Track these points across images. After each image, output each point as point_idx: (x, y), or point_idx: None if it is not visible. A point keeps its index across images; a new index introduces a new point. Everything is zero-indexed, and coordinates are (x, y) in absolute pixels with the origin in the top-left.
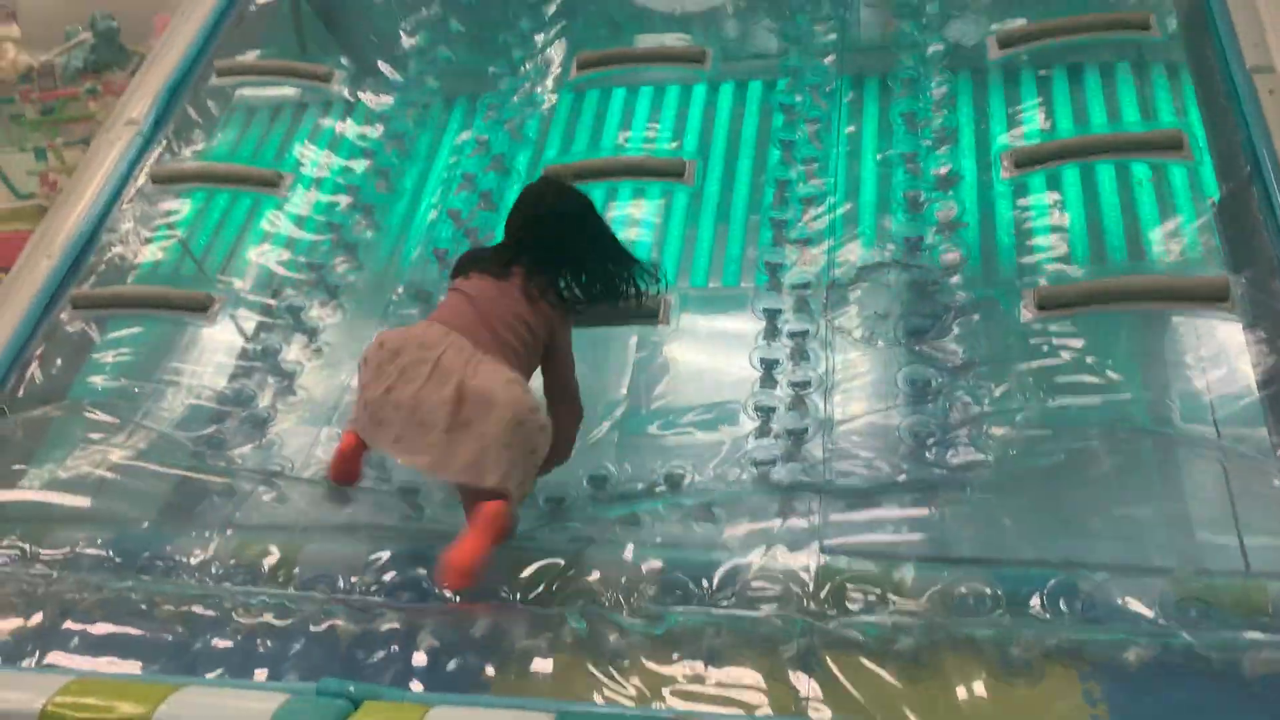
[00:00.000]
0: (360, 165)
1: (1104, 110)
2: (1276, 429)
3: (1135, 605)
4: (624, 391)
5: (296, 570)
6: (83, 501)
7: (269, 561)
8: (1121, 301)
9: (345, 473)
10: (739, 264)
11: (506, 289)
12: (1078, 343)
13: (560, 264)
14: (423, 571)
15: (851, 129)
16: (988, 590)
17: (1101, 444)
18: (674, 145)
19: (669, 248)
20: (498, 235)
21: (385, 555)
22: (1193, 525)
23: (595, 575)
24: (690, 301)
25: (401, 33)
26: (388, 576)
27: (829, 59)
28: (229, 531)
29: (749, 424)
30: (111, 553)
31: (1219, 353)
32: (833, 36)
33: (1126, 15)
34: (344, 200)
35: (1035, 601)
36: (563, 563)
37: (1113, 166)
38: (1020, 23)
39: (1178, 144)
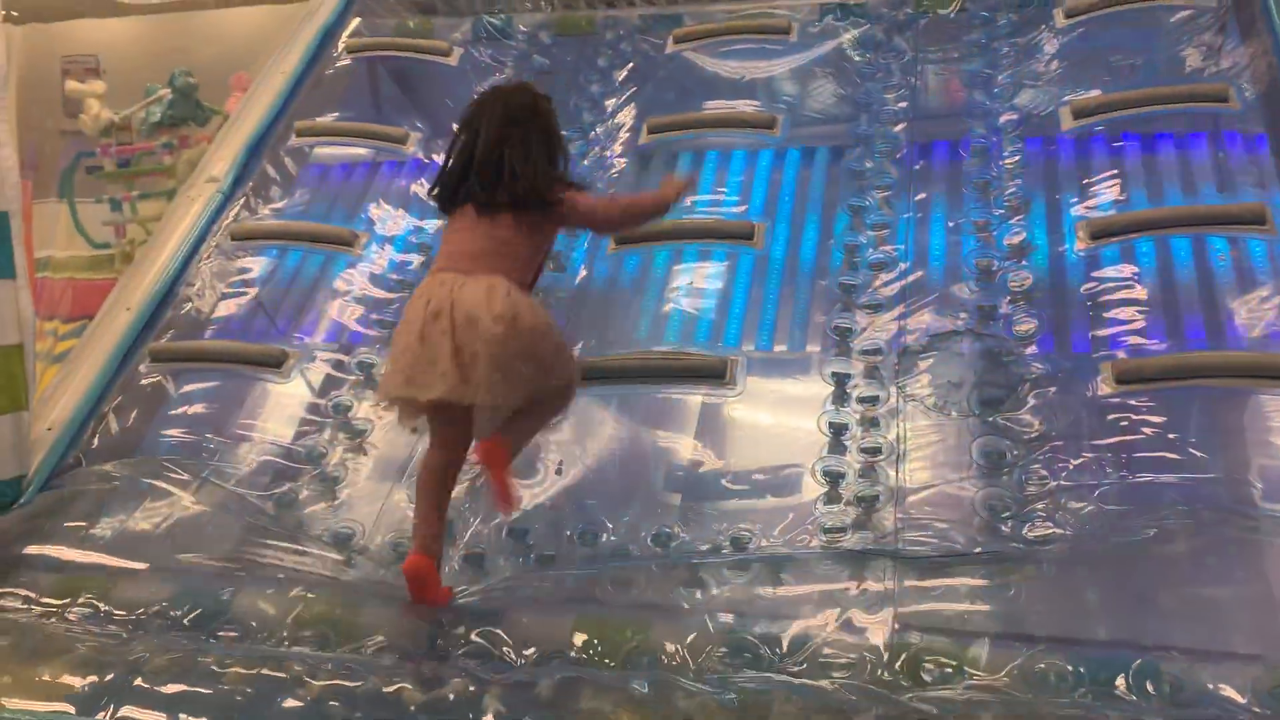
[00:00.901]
0: (432, 225)
1: (1180, 182)
2: None
3: (1226, 691)
4: (688, 454)
5: (364, 634)
6: (154, 558)
7: (337, 624)
8: (1202, 377)
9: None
10: (804, 329)
11: (483, 229)
12: (1157, 418)
13: (532, 158)
14: (487, 637)
15: (922, 196)
16: (1069, 668)
17: (1181, 523)
18: (740, 209)
19: (734, 310)
20: (564, 293)
21: (452, 621)
22: (1278, 610)
23: (662, 637)
24: (755, 365)
25: (474, 96)
26: (455, 643)
27: (900, 127)
28: (298, 591)
29: (816, 489)
30: (181, 612)
31: None
32: (903, 105)
33: (1204, 87)
34: (416, 259)
35: (1120, 683)
36: (628, 625)
37: (1189, 239)
38: (1095, 94)
39: (1261, 218)
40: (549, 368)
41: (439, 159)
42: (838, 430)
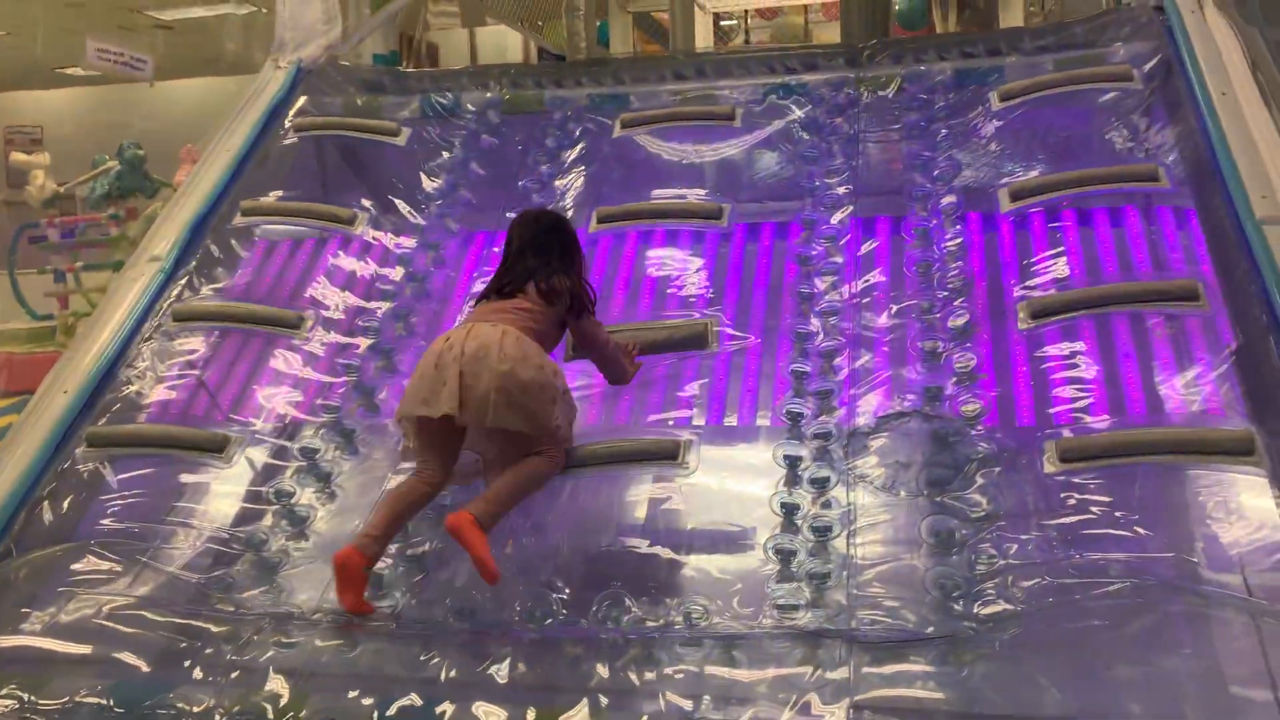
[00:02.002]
0: (380, 307)
1: (1116, 259)
2: None
3: None
4: (640, 524)
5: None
6: (85, 648)
7: (275, 711)
8: (1145, 455)
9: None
10: (754, 408)
11: (505, 303)
12: (1103, 496)
13: (554, 263)
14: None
15: (867, 280)
16: None
17: (1129, 599)
18: (691, 299)
19: (688, 392)
20: None
21: (394, 706)
22: (1227, 684)
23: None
24: (708, 441)
25: (422, 175)
26: None
27: (843, 212)
28: (234, 676)
29: (769, 566)
30: (112, 702)
31: (1246, 507)
32: (844, 189)
33: (1135, 168)
34: (362, 342)
35: None
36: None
37: (1127, 316)
38: (1033, 175)
39: (1193, 295)
40: (542, 419)
41: (385, 239)
42: (790, 510)
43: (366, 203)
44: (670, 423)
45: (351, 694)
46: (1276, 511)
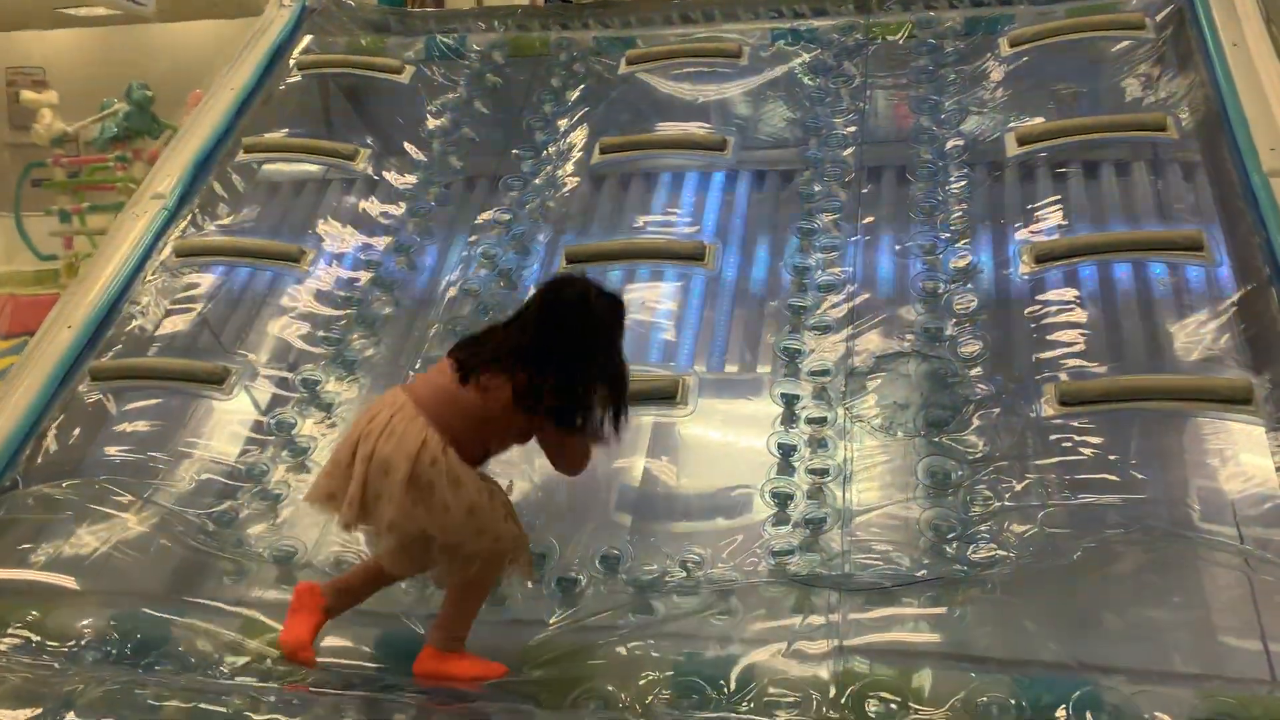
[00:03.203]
0: (382, 242)
1: (1121, 208)
2: None
3: (1164, 718)
4: (638, 474)
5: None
6: (92, 582)
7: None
8: (1144, 400)
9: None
10: (755, 349)
11: (449, 387)
12: (1098, 440)
13: (546, 365)
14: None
15: (869, 219)
16: (1011, 700)
17: (1122, 544)
18: (693, 230)
19: (685, 331)
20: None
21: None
22: (1216, 630)
23: (610, 674)
24: (706, 385)
25: (427, 113)
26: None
27: (848, 151)
28: (238, 612)
29: (765, 511)
30: (116, 634)
31: (1241, 454)
32: (852, 129)
33: (1143, 116)
34: (364, 276)
35: (1061, 713)
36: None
37: (1130, 264)
38: (1039, 121)
39: (1197, 245)
40: (457, 541)
41: (389, 175)
42: (786, 451)
43: (371, 140)
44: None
45: (357, 628)
46: (1272, 461)
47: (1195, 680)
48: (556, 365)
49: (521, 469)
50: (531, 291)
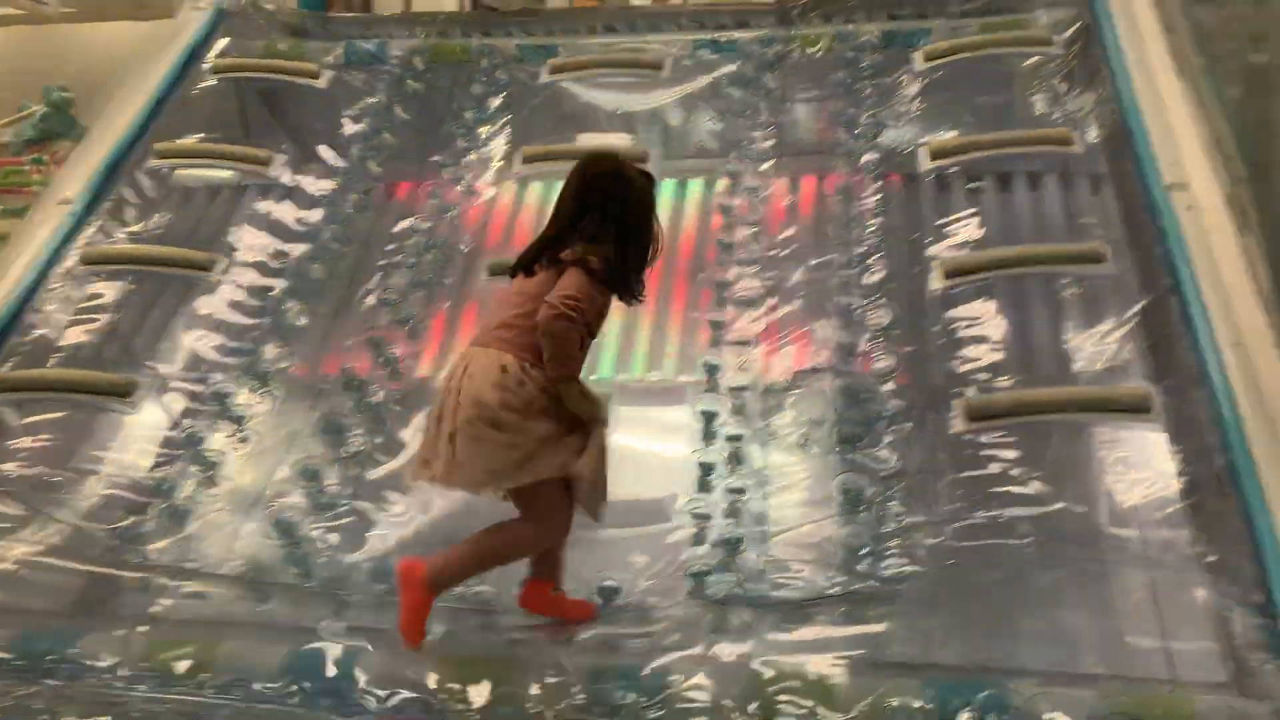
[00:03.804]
0: (298, 249)
1: (1032, 222)
2: (1198, 538)
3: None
4: None
5: (211, 673)
6: None
7: (183, 664)
8: (1048, 412)
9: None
10: (676, 364)
11: (524, 282)
12: (1008, 453)
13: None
14: (345, 674)
15: (788, 233)
16: (918, 704)
17: (1031, 553)
18: None
19: (607, 342)
20: (435, 323)
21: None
22: (1122, 632)
23: (524, 682)
24: (626, 398)
25: (346, 119)
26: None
27: (767, 164)
28: (141, 630)
29: (684, 529)
30: (14, 654)
31: (1143, 462)
32: (770, 143)
33: (1049, 132)
34: (279, 285)
35: (965, 716)
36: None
37: (1039, 277)
38: (952, 135)
39: (1099, 258)
40: (516, 465)
41: (306, 182)
42: (706, 469)
43: (287, 146)
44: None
45: (262, 644)
46: (1172, 467)
47: (1102, 681)
48: (616, 223)
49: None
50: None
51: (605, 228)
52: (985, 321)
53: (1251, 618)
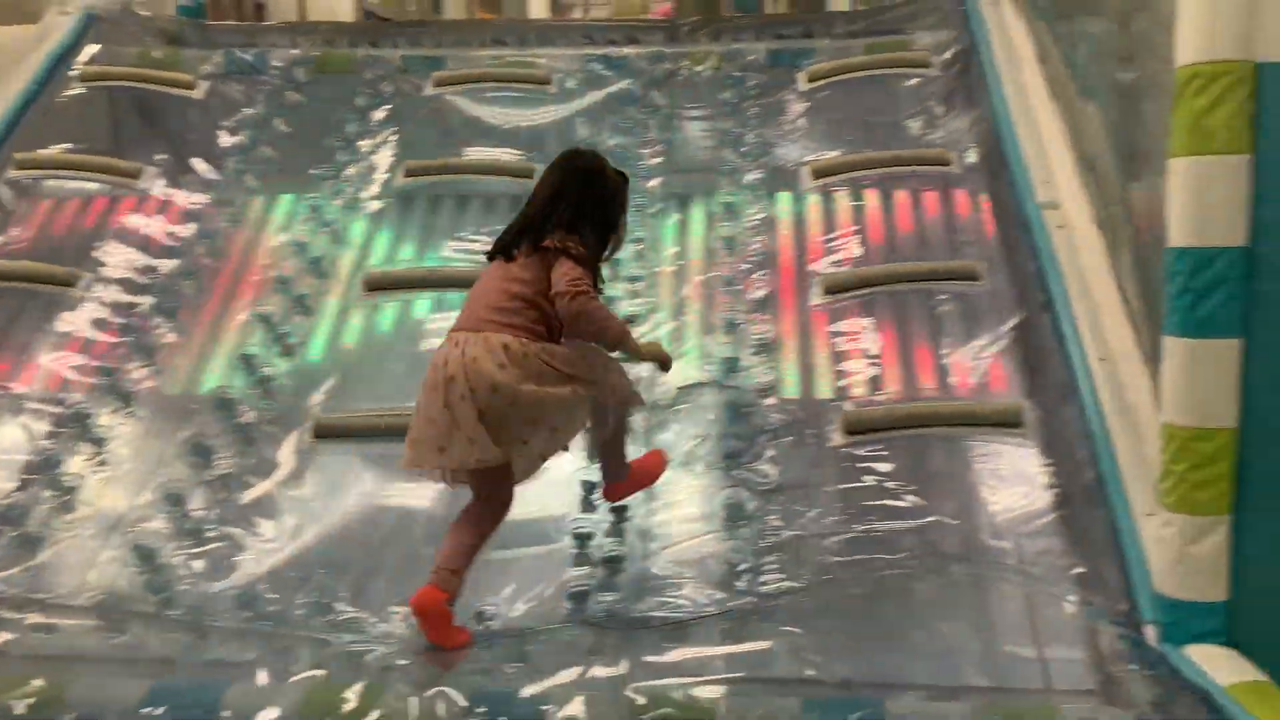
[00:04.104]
0: (168, 265)
1: (913, 239)
2: (1068, 550)
3: None
4: (441, 512)
5: (59, 711)
6: None
7: (24, 703)
8: (923, 426)
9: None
10: None
11: (505, 267)
12: (886, 466)
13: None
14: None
15: (674, 250)
16: None
17: (910, 566)
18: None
19: None
20: (313, 342)
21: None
22: (999, 644)
23: (400, 709)
24: None
25: (222, 131)
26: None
27: (655, 182)
28: None
29: (566, 549)
30: None
31: (1017, 475)
32: (657, 161)
33: (926, 152)
34: (146, 301)
35: None
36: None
37: (919, 293)
38: (834, 154)
39: (975, 275)
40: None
41: (179, 195)
42: (589, 487)
43: (160, 158)
44: None
45: (116, 679)
46: (1044, 480)
47: (976, 694)
48: (591, 216)
49: (314, 509)
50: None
51: (582, 219)
52: (865, 336)
53: (1117, 627)
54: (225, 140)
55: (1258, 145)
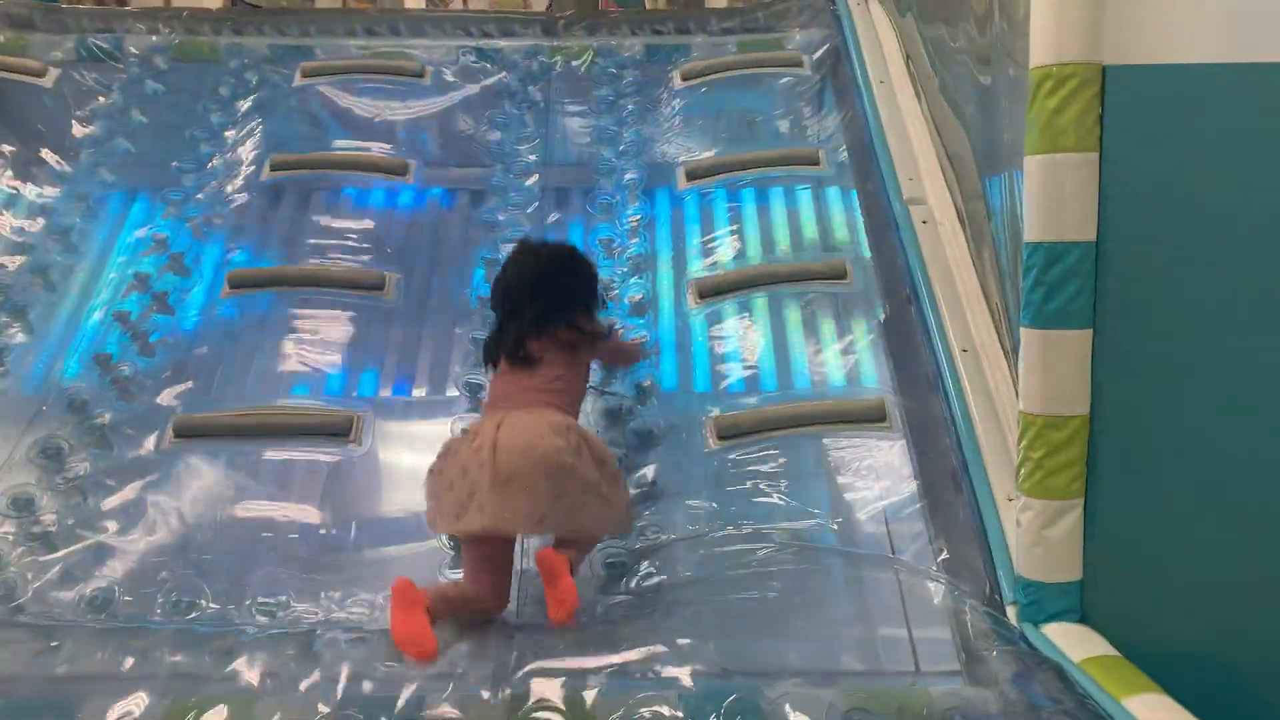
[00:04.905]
0: (14, 261)
1: (789, 238)
2: (935, 536)
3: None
4: (308, 516)
5: None
6: None
7: None
8: (792, 427)
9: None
10: (441, 380)
11: (532, 376)
12: (762, 466)
13: (571, 306)
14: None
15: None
16: (666, 711)
17: (786, 560)
18: (372, 256)
19: (369, 360)
20: (173, 340)
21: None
22: (875, 627)
23: (267, 713)
24: (387, 414)
25: (74, 121)
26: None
27: (532, 179)
28: None
29: (445, 550)
30: None
31: (885, 467)
32: (534, 158)
33: (797, 151)
34: None
35: None
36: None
37: (791, 294)
38: (709, 154)
39: (841, 273)
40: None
41: (26, 189)
42: None
43: (6, 149)
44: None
45: None
46: (910, 470)
47: (848, 678)
48: (580, 299)
49: (175, 508)
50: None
51: (576, 302)
52: (741, 338)
53: (980, 608)
54: (78, 131)
55: (1104, 144)
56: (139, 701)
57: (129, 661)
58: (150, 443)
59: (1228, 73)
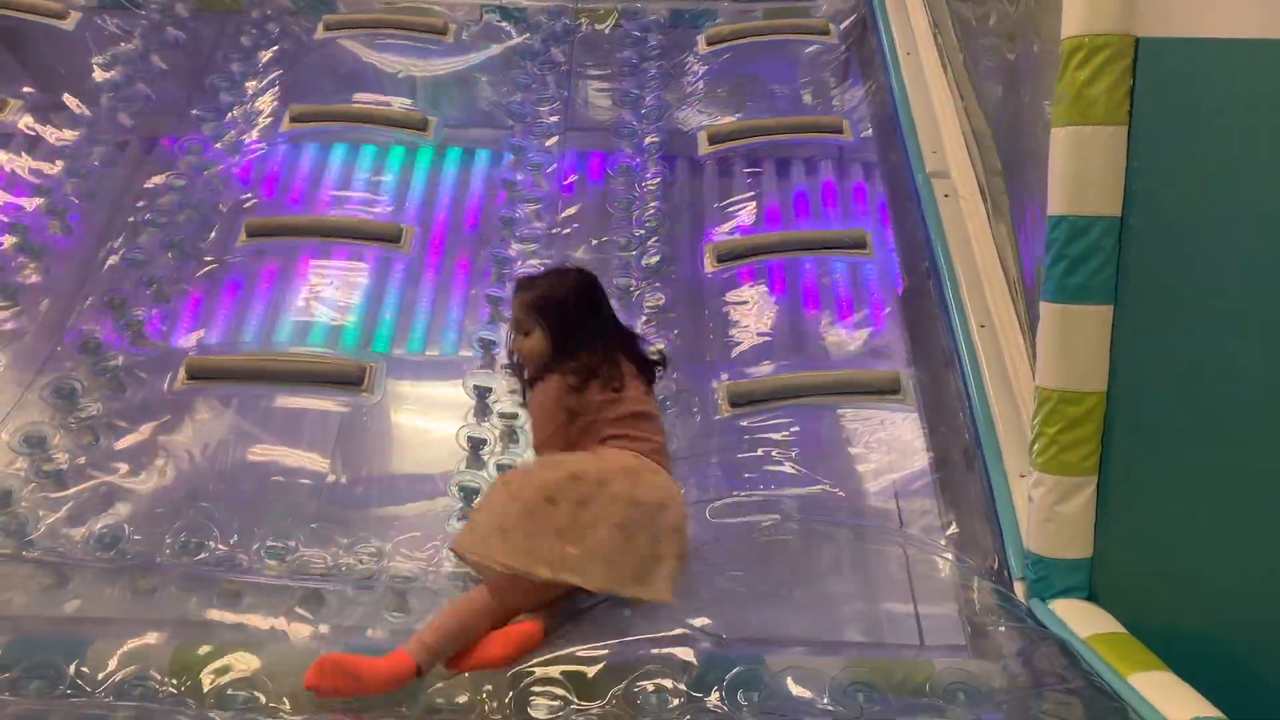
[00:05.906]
0: (32, 203)
1: (808, 206)
2: (944, 511)
3: (806, 693)
4: (319, 464)
5: None
6: None
7: None
8: (804, 396)
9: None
10: (457, 335)
11: (624, 403)
12: (773, 435)
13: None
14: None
15: (570, 211)
16: (669, 684)
17: (794, 530)
18: (391, 209)
19: (385, 314)
20: (188, 285)
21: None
22: (877, 600)
23: (265, 666)
24: (401, 370)
25: (95, 65)
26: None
27: (552, 140)
28: None
29: (452, 503)
30: None
31: (897, 440)
32: (555, 119)
33: (821, 119)
34: (8, 240)
35: (715, 695)
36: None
37: (812, 262)
38: (731, 119)
39: (861, 243)
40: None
41: (47, 131)
42: (476, 445)
43: (28, 91)
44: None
45: None
46: (922, 444)
47: (850, 650)
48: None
49: (188, 451)
50: None
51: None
52: (756, 305)
53: (987, 583)
54: (99, 75)
55: (1133, 118)
56: (147, 641)
57: (136, 601)
58: (163, 385)
59: (1264, 49)
